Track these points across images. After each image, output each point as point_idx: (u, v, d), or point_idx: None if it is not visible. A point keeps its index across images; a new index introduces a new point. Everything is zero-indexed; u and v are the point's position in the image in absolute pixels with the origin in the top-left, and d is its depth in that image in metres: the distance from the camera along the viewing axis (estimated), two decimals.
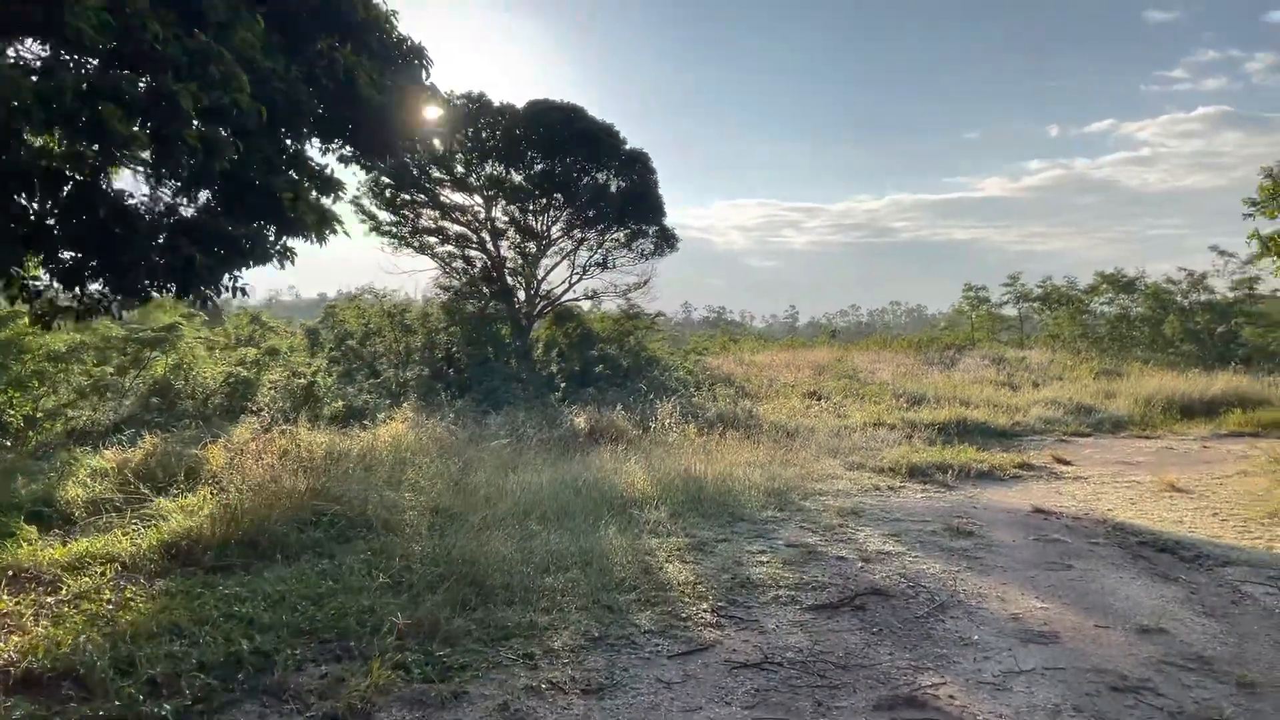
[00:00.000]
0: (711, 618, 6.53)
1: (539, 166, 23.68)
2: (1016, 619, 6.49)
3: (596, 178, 23.98)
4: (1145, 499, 10.94)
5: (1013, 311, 43.13)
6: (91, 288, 6.98)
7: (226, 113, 5.61)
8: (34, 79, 5.42)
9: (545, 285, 25.17)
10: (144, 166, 6.04)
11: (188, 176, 6.08)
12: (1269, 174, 12.80)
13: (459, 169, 23.70)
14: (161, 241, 6.20)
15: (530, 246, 24.63)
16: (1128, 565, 7.88)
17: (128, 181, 6.93)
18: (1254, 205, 13.14)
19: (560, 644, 5.94)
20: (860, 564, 7.94)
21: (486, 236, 24.29)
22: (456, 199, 24.24)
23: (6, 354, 14.22)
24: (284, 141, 6.88)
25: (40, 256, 6.54)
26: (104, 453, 11.52)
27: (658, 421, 15.32)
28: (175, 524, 8.23)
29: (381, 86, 6.89)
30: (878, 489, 11.63)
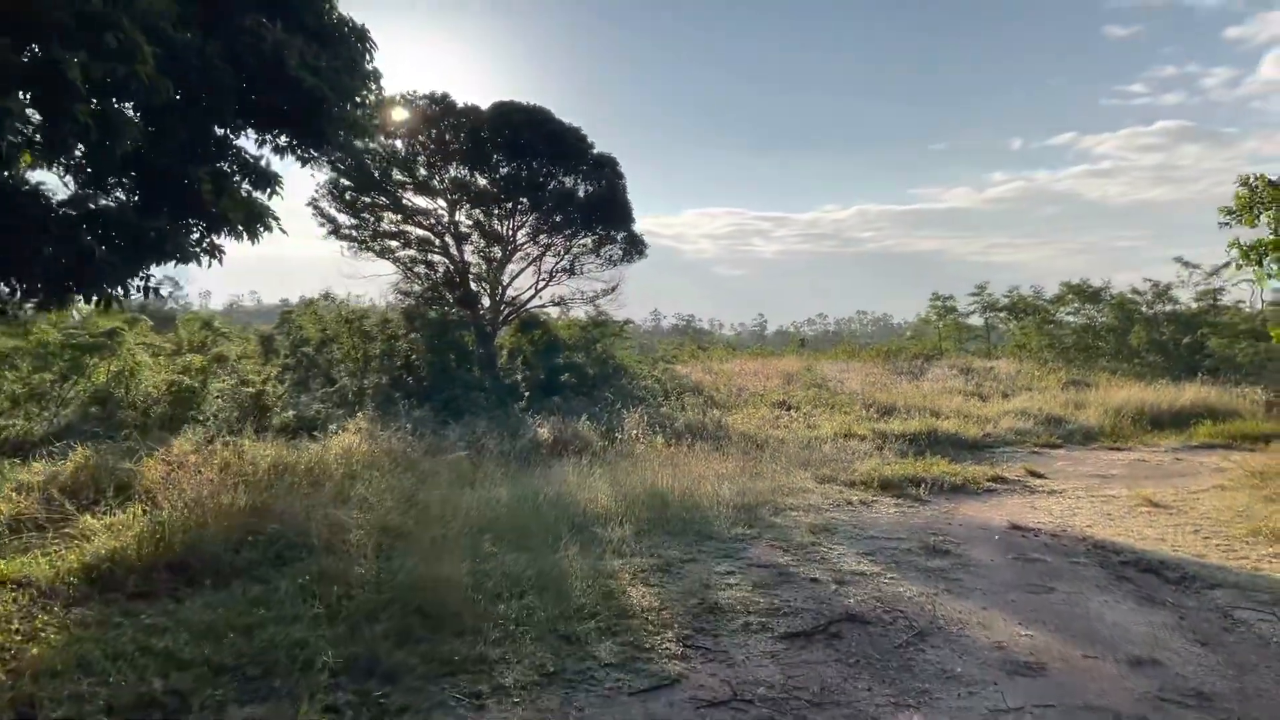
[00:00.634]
0: (677, 648, 6.06)
1: (504, 170, 23.08)
2: (1001, 648, 6.08)
3: (563, 182, 23.43)
4: (1123, 514, 10.63)
5: (979, 321, 43.21)
6: None
7: (127, 89, 5.03)
8: None
9: (511, 291, 24.54)
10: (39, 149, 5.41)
11: (88, 161, 5.48)
12: (1245, 182, 12.61)
13: (421, 171, 23.09)
14: (57, 233, 5.56)
15: (495, 251, 24.03)
16: (1112, 587, 7.52)
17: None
18: (1230, 214, 12.95)
19: (512, 680, 5.45)
20: (834, 586, 7.51)
21: (450, 241, 23.66)
22: (419, 202, 23.59)
23: None
24: (206, 127, 6.27)
25: None
26: (33, 465, 10.84)
27: (624, 432, 14.84)
28: (99, 545, 7.64)
29: (316, 68, 6.31)
30: (850, 503, 11.23)
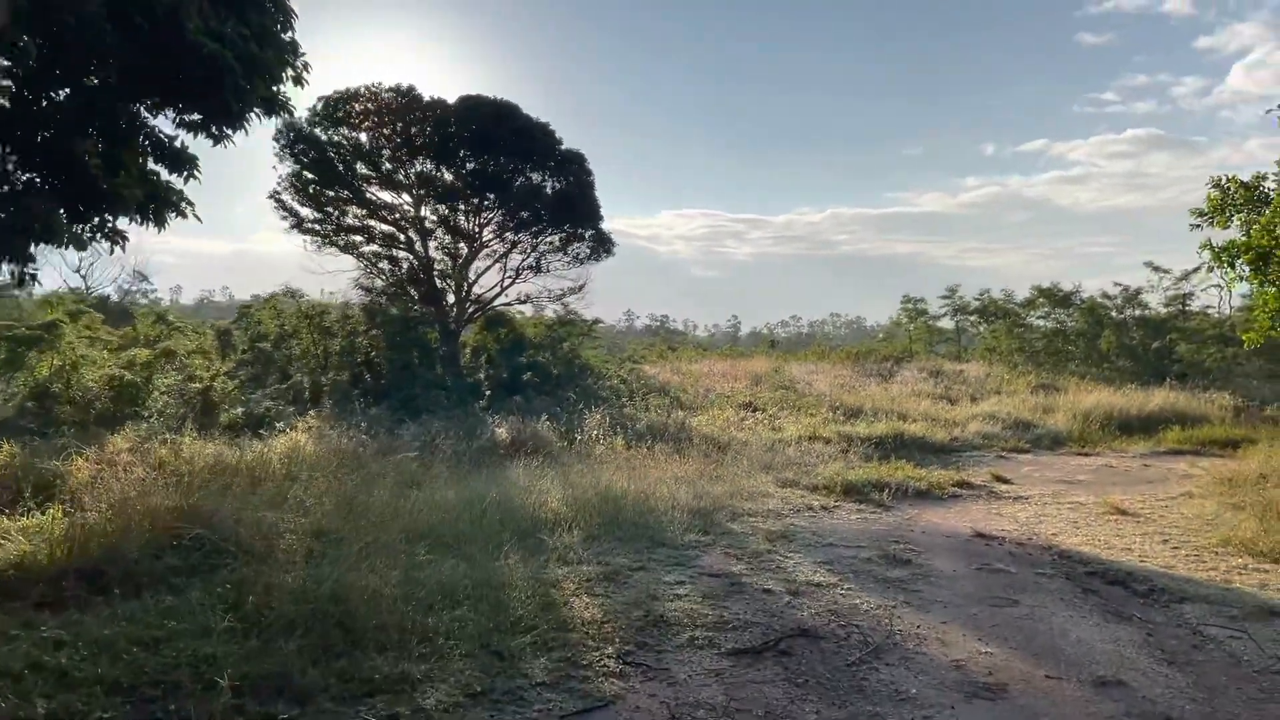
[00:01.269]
0: (616, 665, 5.67)
1: (471, 165, 22.61)
2: (959, 667, 5.75)
3: (531, 178, 23.00)
4: (1090, 522, 10.37)
5: (950, 324, 43.18)
6: None
7: None
8: None
9: (477, 289, 24.09)
10: None
11: None
12: (1217, 184, 12.43)
13: (386, 165, 22.60)
14: None
15: (461, 248, 23.57)
16: (1078, 601, 7.21)
17: None
18: (1201, 216, 12.77)
19: (434, 701, 5.04)
20: (788, 598, 7.15)
21: (415, 236, 23.17)
22: (385, 197, 23.12)
23: None
24: (91, 96, 5.74)
25: None
26: None
27: (584, 433, 14.46)
28: (10, 549, 7.15)
29: (220, 34, 5.82)
30: (811, 509, 10.90)
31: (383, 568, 6.92)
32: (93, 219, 5.91)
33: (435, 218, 23.27)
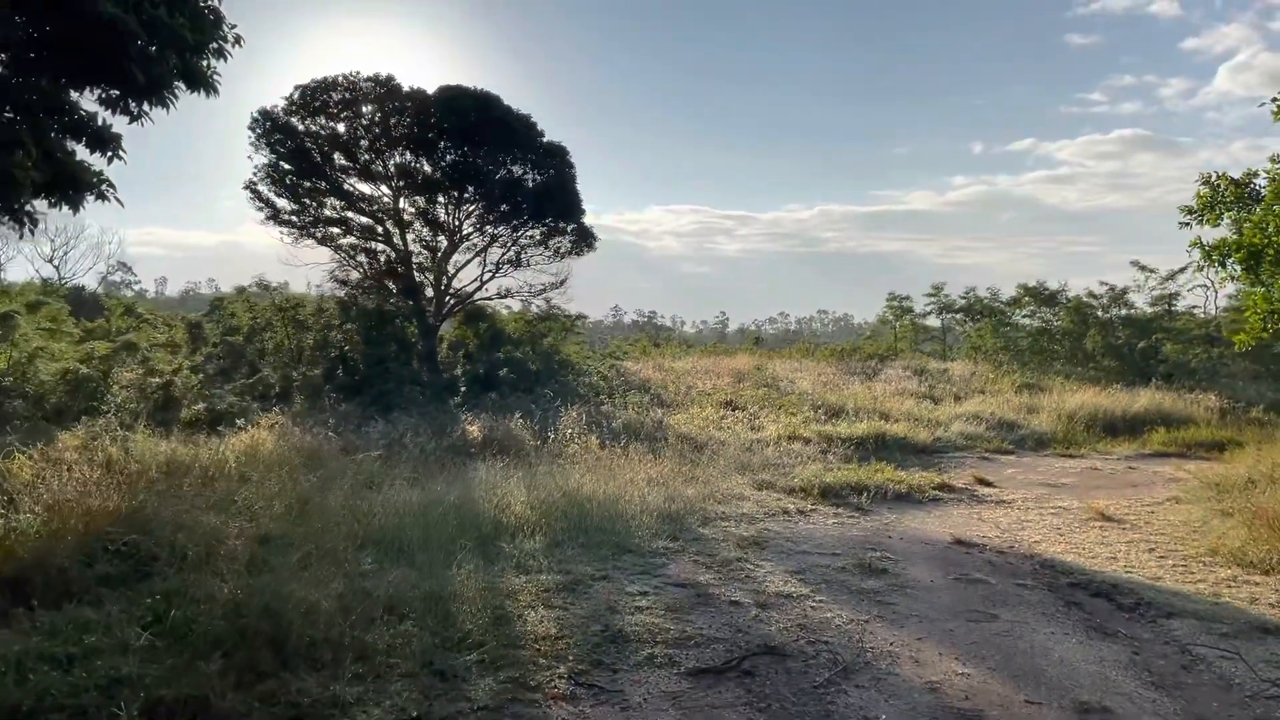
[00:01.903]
0: (566, 686, 5.29)
1: (451, 156, 22.12)
2: (934, 689, 5.38)
3: (512, 170, 22.54)
4: (1074, 528, 10.04)
5: (936, 322, 42.85)
6: None
7: None
8: None
9: (457, 283, 23.62)
10: None
11: None
12: (1207, 181, 12.11)
13: (364, 156, 22.09)
14: None
15: (440, 241, 23.09)
16: (1060, 615, 6.86)
17: None
18: (1191, 213, 12.45)
19: None
20: (756, 611, 6.78)
21: (393, 229, 22.68)
22: (363, 188, 22.61)
23: None
24: None
25: None
26: None
27: (559, 432, 14.05)
28: None
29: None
30: (786, 512, 10.53)
31: (324, 577, 6.52)
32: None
33: (414, 210, 22.79)
